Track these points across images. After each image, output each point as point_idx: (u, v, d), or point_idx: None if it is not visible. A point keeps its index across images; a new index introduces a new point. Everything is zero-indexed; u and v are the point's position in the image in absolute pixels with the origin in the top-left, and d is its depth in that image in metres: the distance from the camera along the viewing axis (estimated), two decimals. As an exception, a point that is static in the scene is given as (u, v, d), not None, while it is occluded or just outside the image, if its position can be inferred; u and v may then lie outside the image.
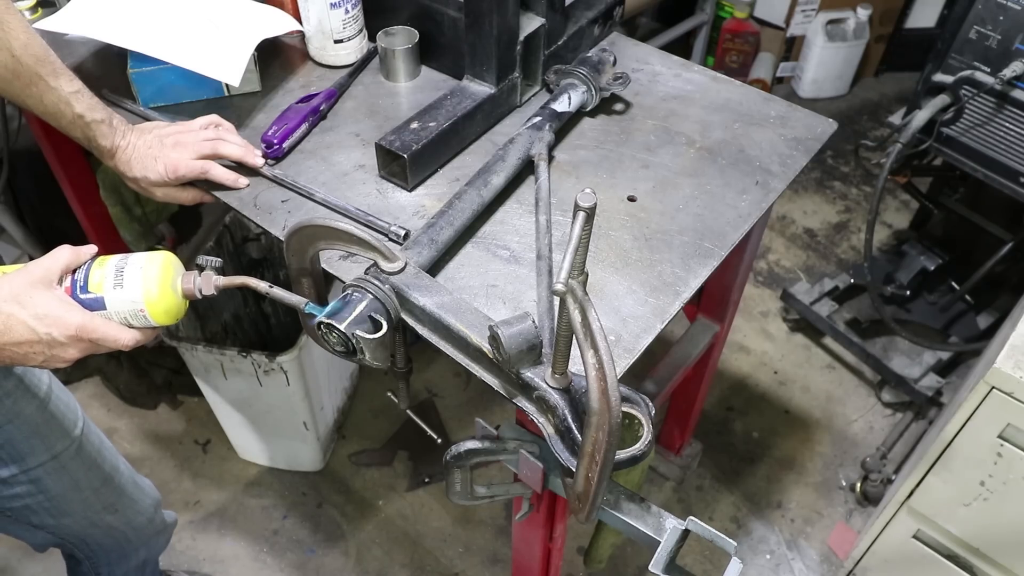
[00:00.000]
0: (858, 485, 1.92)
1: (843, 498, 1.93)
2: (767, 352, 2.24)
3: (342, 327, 0.81)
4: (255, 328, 1.99)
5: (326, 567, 1.81)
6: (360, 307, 0.83)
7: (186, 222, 2.48)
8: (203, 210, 2.52)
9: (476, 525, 1.87)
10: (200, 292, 0.86)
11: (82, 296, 0.82)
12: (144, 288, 0.83)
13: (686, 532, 0.83)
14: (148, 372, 2.07)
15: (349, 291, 0.85)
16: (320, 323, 0.82)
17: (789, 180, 1.13)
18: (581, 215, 0.64)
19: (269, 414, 1.77)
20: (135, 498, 1.29)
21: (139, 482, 1.31)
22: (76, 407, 1.15)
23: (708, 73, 1.31)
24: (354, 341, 0.82)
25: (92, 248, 0.85)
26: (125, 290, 0.82)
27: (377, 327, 0.83)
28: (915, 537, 1.49)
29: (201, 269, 0.87)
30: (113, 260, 0.84)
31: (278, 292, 0.86)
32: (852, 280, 2.21)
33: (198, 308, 1.75)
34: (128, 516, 1.28)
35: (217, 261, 0.87)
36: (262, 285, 0.85)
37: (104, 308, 0.83)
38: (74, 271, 0.84)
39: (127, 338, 0.83)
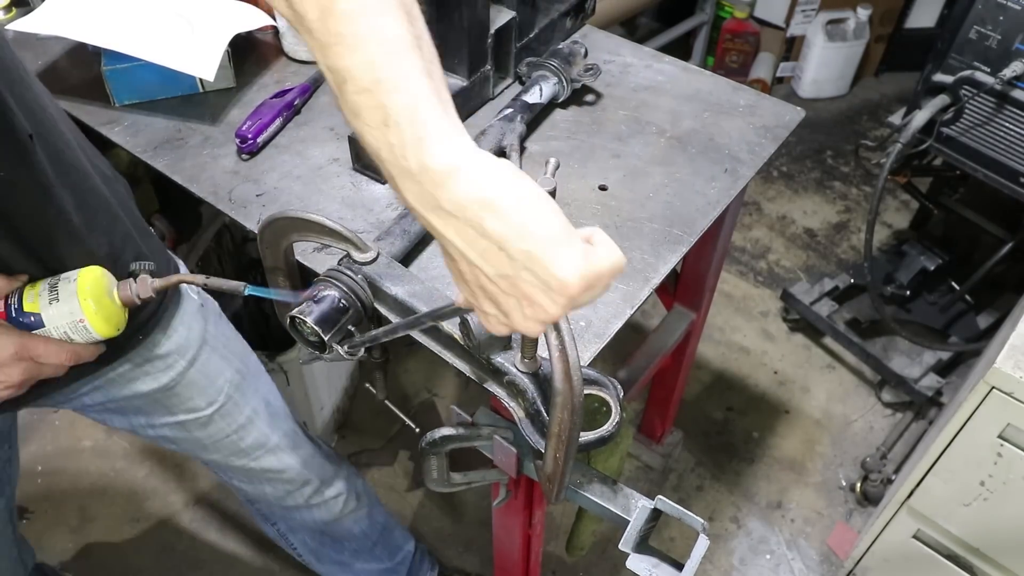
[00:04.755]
0: (858, 485, 1.92)
1: (843, 498, 1.93)
2: (767, 352, 2.24)
3: (310, 320, 0.81)
4: (255, 328, 1.99)
5: (326, 567, 1.81)
6: (328, 303, 0.83)
7: (186, 221, 2.48)
8: (203, 209, 2.53)
9: (476, 525, 1.87)
10: (138, 297, 0.84)
11: (18, 318, 0.80)
12: (81, 297, 0.81)
13: (656, 512, 0.85)
14: (148, 372, 2.07)
15: (320, 285, 0.85)
16: (291, 317, 0.83)
17: (758, 167, 1.14)
18: None
19: (269, 414, 1.77)
20: (268, 479, 1.26)
21: (288, 431, 1.26)
22: (221, 385, 1.11)
23: (679, 64, 1.32)
24: (323, 334, 0.82)
25: (24, 276, 0.83)
26: (62, 303, 0.80)
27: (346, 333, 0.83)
28: (915, 537, 1.49)
29: (135, 276, 0.86)
30: (46, 280, 0.82)
31: (215, 282, 0.84)
32: (852, 280, 2.21)
33: (198, 308, 1.75)
34: (266, 464, 1.24)
35: (150, 265, 0.86)
36: (198, 279, 0.85)
37: (43, 326, 0.80)
38: (7, 297, 0.81)
39: (67, 353, 0.82)
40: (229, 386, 1.11)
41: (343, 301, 0.84)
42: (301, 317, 0.82)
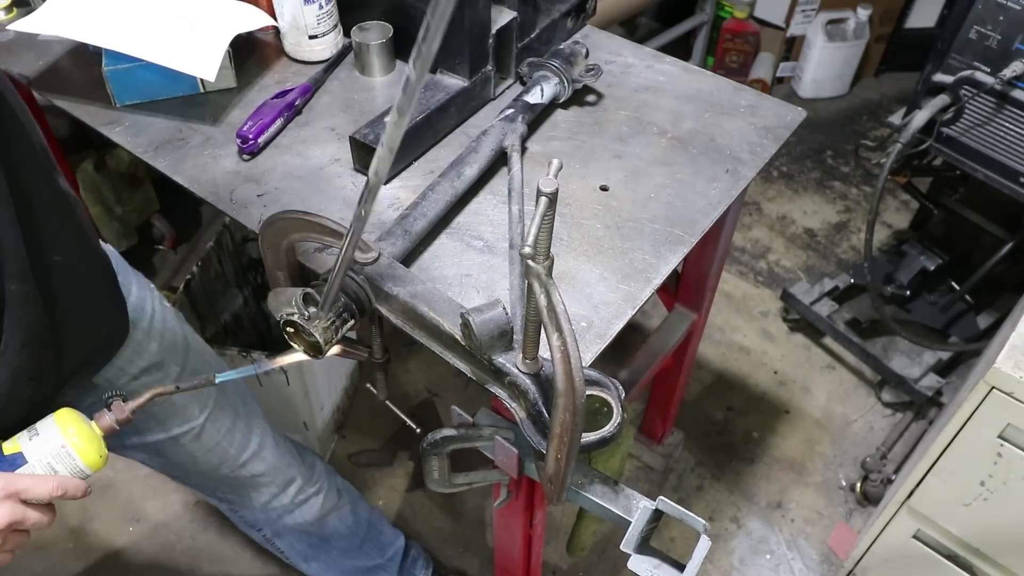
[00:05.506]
0: (858, 485, 1.92)
1: (843, 498, 1.93)
2: (767, 352, 2.24)
3: (307, 326, 0.81)
4: (255, 328, 1.99)
5: (326, 567, 1.81)
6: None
7: (186, 222, 2.48)
8: (203, 209, 2.53)
9: (476, 525, 1.87)
10: (117, 422, 0.83)
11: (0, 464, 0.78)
12: (61, 426, 0.79)
13: (658, 512, 0.85)
14: (148, 372, 2.07)
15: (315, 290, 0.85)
16: (286, 323, 0.83)
17: (759, 168, 1.14)
18: (543, 200, 0.65)
19: (269, 414, 1.76)
20: (255, 485, 1.26)
21: (267, 452, 1.26)
22: (208, 396, 1.13)
23: (680, 64, 1.32)
24: (319, 341, 0.82)
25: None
26: (41, 435, 0.79)
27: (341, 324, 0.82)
28: (915, 537, 1.49)
29: (108, 405, 0.85)
30: (23, 431, 0.82)
31: (186, 385, 0.86)
32: (852, 280, 2.21)
33: (198, 308, 1.75)
34: (249, 495, 1.27)
35: (120, 390, 0.85)
36: (168, 388, 0.85)
37: (26, 462, 0.78)
38: None
39: (52, 485, 0.77)
40: (215, 388, 1.11)
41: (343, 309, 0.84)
42: (299, 322, 0.81)
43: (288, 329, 0.83)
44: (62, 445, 0.79)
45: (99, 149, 2.12)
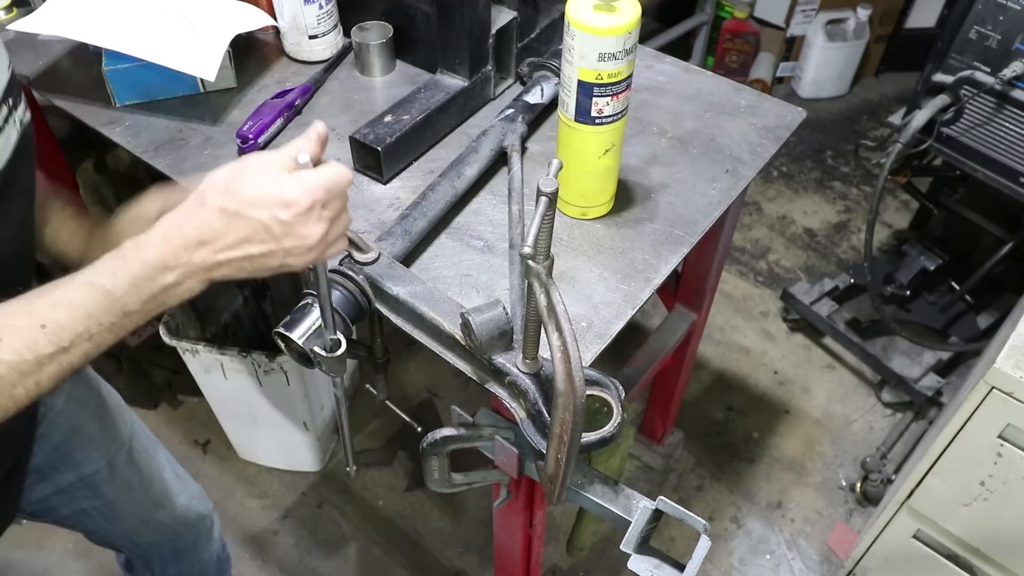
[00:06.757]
0: (858, 485, 1.92)
1: (843, 498, 1.93)
2: (767, 352, 2.24)
3: (298, 339, 0.81)
4: (255, 328, 1.99)
5: (326, 567, 1.81)
6: (314, 317, 0.82)
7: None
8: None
9: (476, 525, 1.87)
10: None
11: None
12: None
13: (658, 512, 0.85)
14: (148, 372, 2.07)
15: (308, 299, 0.84)
16: (277, 333, 0.82)
17: (759, 168, 1.14)
18: (543, 200, 0.65)
19: (269, 414, 1.77)
20: (178, 490, 1.29)
21: (179, 472, 1.31)
22: (125, 408, 1.16)
23: (680, 64, 1.32)
24: (311, 354, 0.81)
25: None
26: None
27: (335, 344, 0.81)
28: (915, 537, 1.49)
29: None
30: None
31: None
32: (852, 280, 2.21)
33: (198, 308, 1.75)
34: (175, 511, 1.27)
35: None
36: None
37: None
38: None
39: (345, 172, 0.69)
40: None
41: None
42: (286, 333, 0.81)
43: (286, 344, 0.83)
44: None
45: (99, 149, 2.12)
